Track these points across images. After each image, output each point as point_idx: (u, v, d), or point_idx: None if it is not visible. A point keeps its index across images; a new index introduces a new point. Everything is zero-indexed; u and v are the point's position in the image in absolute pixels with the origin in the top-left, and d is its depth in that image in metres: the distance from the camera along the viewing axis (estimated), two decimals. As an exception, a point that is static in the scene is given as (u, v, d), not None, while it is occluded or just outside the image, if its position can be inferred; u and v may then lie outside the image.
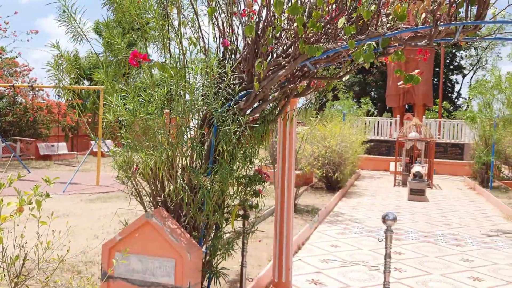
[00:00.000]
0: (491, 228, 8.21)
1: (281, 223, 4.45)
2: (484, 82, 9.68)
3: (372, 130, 19.12)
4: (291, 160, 4.44)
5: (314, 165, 11.17)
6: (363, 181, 15.06)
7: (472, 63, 34.93)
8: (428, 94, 20.34)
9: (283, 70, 3.11)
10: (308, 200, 10.13)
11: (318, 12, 2.90)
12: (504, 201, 10.47)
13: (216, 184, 3.07)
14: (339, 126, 11.91)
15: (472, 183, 14.28)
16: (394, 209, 9.85)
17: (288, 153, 4.41)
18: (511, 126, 9.90)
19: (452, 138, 18.23)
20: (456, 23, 2.90)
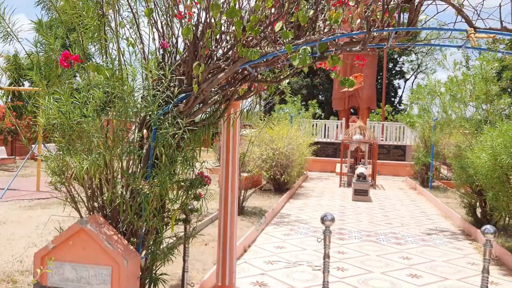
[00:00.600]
0: (429, 226, 8.59)
1: (225, 226, 4.44)
2: (421, 88, 10.13)
3: (319, 133, 19.53)
4: (235, 163, 4.45)
5: (262, 167, 11.25)
6: (310, 182, 15.33)
7: (413, 68, 36.48)
8: (372, 98, 21.03)
9: (222, 73, 3.10)
10: (256, 202, 10.18)
11: (256, 16, 2.92)
12: (442, 201, 10.98)
13: (155, 189, 3.02)
14: (287, 129, 12.06)
15: (413, 183, 14.88)
16: (339, 209, 10.09)
17: (232, 156, 4.41)
18: (448, 128, 10.38)
19: (395, 140, 18.94)
20: (388, 29, 3.01)
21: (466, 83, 8.32)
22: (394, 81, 36.03)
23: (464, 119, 8.38)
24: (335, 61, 3.21)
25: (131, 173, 3.10)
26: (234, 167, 4.45)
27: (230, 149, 4.39)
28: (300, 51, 2.85)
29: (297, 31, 3.17)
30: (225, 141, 4.38)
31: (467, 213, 8.30)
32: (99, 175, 3.12)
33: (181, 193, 3.32)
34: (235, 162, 4.45)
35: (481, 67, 7.77)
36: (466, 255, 6.55)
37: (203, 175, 3.55)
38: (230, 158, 4.41)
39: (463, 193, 8.21)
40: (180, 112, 3.12)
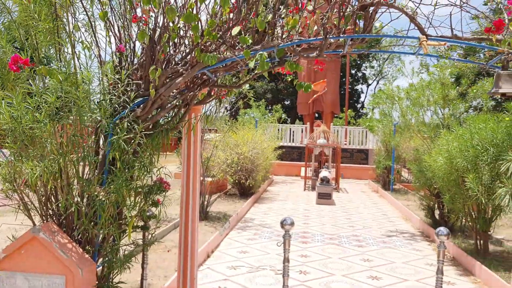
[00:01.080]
0: (390, 228, 8.78)
1: (186, 232, 4.40)
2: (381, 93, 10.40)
3: (284, 137, 19.69)
4: (196, 167, 4.42)
5: (227, 172, 11.24)
6: (275, 186, 15.41)
7: (375, 74, 37.35)
8: (336, 103, 21.37)
9: (181, 78, 3.08)
10: (221, 207, 10.14)
11: (214, 20, 2.92)
12: (403, 203, 11.26)
13: (111, 195, 2.96)
14: (251, 133, 12.09)
15: (375, 186, 15.20)
16: (303, 213, 10.18)
17: (193, 160, 4.37)
18: (408, 133, 10.65)
19: (358, 144, 19.31)
20: (344, 36, 3.06)
21: (424, 88, 8.58)
22: (357, 86, 36.79)
23: (422, 124, 8.64)
24: (293, 66, 3.24)
25: (86, 180, 3.03)
26: (195, 172, 4.42)
27: (191, 154, 4.36)
28: (257, 56, 2.86)
29: (255, 37, 3.19)
30: (186, 146, 4.35)
31: (426, 215, 8.54)
32: (53, 182, 3.03)
33: (138, 199, 3.26)
34: (196, 167, 4.42)
35: (440, 73, 8.04)
36: (425, 256, 6.73)
37: (162, 180, 3.51)
38: (191, 163, 4.37)
39: (422, 196, 8.44)
40: (137, 117, 3.08)
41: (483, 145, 5.98)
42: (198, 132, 4.39)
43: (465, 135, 6.30)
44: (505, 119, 5.88)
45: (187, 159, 4.36)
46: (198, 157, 4.45)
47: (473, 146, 6.05)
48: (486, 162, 5.99)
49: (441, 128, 8.13)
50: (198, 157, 4.44)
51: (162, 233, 7.18)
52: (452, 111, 7.94)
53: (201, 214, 8.48)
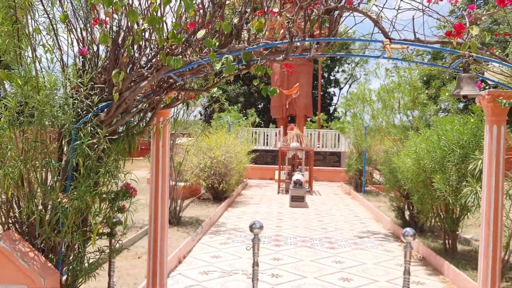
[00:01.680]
0: (362, 230, 8.88)
1: (155, 237, 4.33)
2: (352, 95, 10.52)
3: (258, 140, 19.72)
4: (165, 172, 4.36)
5: (200, 176, 11.16)
6: (249, 190, 15.39)
7: (347, 78, 37.84)
8: (308, 106, 21.53)
9: (145, 81, 3.04)
10: (194, 211, 10.06)
11: (178, 23, 2.89)
12: (374, 204, 11.40)
13: (74, 202, 2.88)
14: (224, 137, 12.05)
15: (348, 189, 15.36)
16: (277, 216, 10.20)
17: (161, 165, 4.32)
18: (379, 135, 10.81)
19: (331, 147, 19.50)
20: (309, 40, 3.08)
21: (394, 90, 8.73)
22: (329, 89, 37.17)
23: (392, 126, 8.78)
24: (260, 69, 3.24)
25: (49, 187, 2.95)
26: (164, 177, 4.37)
27: (160, 158, 4.30)
28: (223, 59, 2.85)
29: (222, 40, 3.17)
30: (154, 150, 4.29)
31: (397, 216, 8.67)
32: (14, 189, 2.94)
33: (103, 206, 3.19)
34: (165, 172, 4.36)
35: (409, 75, 8.19)
36: (395, 257, 6.83)
37: (129, 186, 3.45)
38: (160, 168, 4.32)
39: (392, 197, 8.57)
40: (101, 121, 3.02)
41: (449, 146, 6.11)
42: (167, 136, 4.35)
43: (433, 136, 6.44)
44: (471, 121, 6.03)
45: (155, 163, 4.31)
46: (167, 161, 4.40)
47: (440, 147, 6.18)
48: (453, 163, 6.13)
49: (410, 130, 8.28)
50: (167, 161, 4.39)
51: (133, 239, 7.07)
52: (421, 113, 8.10)
53: (173, 220, 8.40)
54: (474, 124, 6.09)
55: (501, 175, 4.29)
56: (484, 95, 4.12)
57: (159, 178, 4.31)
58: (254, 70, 3.22)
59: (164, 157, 4.32)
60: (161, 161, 4.30)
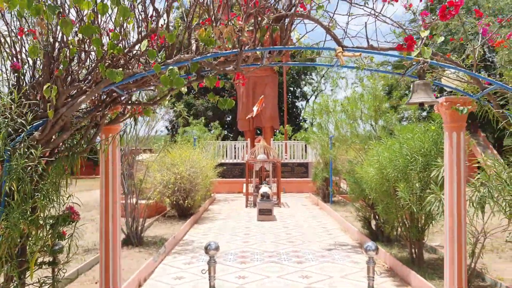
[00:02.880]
0: (329, 242, 8.76)
1: (106, 263, 4.06)
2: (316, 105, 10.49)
3: (226, 154, 19.51)
4: (115, 191, 4.11)
5: (164, 193, 10.84)
6: (217, 204, 15.12)
7: (313, 90, 38.17)
8: (275, 117, 21.51)
9: (84, 96, 2.81)
10: (158, 230, 9.73)
11: (117, 33, 2.69)
12: (342, 215, 11.35)
13: (7, 231, 2.61)
14: (189, 152, 11.78)
15: (315, 199, 15.30)
16: (244, 230, 9.98)
17: (112, 184, 4.07)
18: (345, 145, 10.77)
19: (299, 158, 19.48)
20: (259, 49, 2.93)
21: (357, 100, 8.72)
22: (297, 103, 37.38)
23: (355, 136, 8.75)
24: (211, 81, 3.07)
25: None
26: (115, 196, 4.11)
27: (110, 177, 4.06)
28: (167, 71, 2.66)
29: (168, 51, 2.99)
30: (103, 169, 4.04)
31: (363, 226, 8.61)
32: None
33: (42, 233, 2.93)
34: (115, 190, 4.11)
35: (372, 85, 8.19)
36: (363, 269, 6.71)
37: (72, 210, 3.19)
38: (110, 187, 4.07)
39: (358, 207, 8.50)
40: (37, 141, 2.77)
41: (412, 154, 6.08)
42: (117, 153, 4.11)
43: (394, 145, 6.40)
44: (431, 128, 6.03)
45: (105, 182, 4.05)
46: (118, 179, 4.15)
47: (402, 155, 6.14)
48: (416, 171, 6.10)
49: (373, 139, 8.27)
50: (117, 179, 4.14)
51: (91, 263, 6.71)
52: (384, 123, 8.10)
53: (134, 240, 8.06)
54: (435, 131, 6.09)
55: (463, 182, 4.24)
56: (441, 102, 4.08)
57: (109, 198, 4.06)
58: (207, 82, 3.04)
59: (115, 175, 4.07)
60: (111, 180, 4.05)
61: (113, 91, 3.09)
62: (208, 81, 2.99)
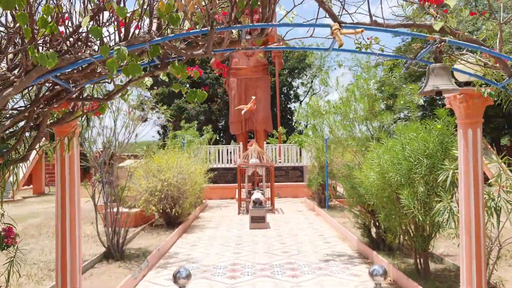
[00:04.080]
0: (327, 251, 8.14)
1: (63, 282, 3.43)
2: (307, 106, 9.88)
3: (218, 158, 18.88)
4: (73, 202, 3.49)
5: (150, 201, 10.20)
6: (208, 211, 14.48)
7: (306, 91, 37.64)
8: (267, 120, 20.92)
9: (11, 89, 2.20)
10: (143, 241, 9.09)
11: (50, 6, 2.08)
12: (339, 221, 10.74)
13: None
14: (176, 157, 11.15)
15: (311, 204, 14.69)
16: (235, 240, 9.35)
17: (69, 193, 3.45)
18: (341, 147, 10.17)
19: (293, 162, 18.87)
20: (236, 27, 2.33)
21: (350, 101, 8.14)
22: (290, 105, 36.76)
23: (351, 138, 8.16)
24: (178, 69, 2.46)
25: None
26: (73, 210, 3.49)
27: (67, 183, 3.43)
28: (115, 53, 2.05)
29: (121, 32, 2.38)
30: (59, 176, 3.42)
31: (363, 234, 8.01)
32: None
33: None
34: (73, 202, 3.49)
35: (364, 85, 7.63)
36: (363, 282, 6.12)
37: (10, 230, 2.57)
38: (67, 194, 3.44)
39: (357, 214, 7.90)
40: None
41: (415, 156, 5.50)
42: (75, 157, 3.49)
43: (396, 146, 5.82)
44: (437, 127, 5.45)
45: (61, 192, 3.43)
46: (77, 187, 3.53)
47: (405, 158, 5.56)
48: (421, 175, 5.51)
49: (371, 141, 7.69)
50: (76, 188, 3.52)
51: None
52: (380, 122, 7.52)
53: (115, 254, 7.41)
54: (440, 130, 5.51)
55: (481, 186, 3.66)
56: (455, 95, 3.50)
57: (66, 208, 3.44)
58: (172, 71, 2.44)
59: (73, 181, 3.45)
60: (68, 190, 3.43)
61: (57, 84, 2.48)
62: (174, 69, 2.39)
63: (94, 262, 7.19)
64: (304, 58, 34.17)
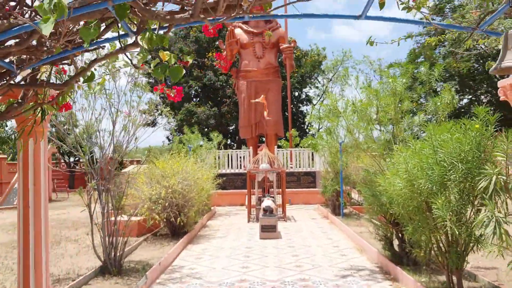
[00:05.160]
0: (344, 265, 7.41)
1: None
2: (324, 106, 9.14)
3: (228, 163, 18.22)
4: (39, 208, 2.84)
5: (153, 210, 9.55)
6: (217, 219, 13.80)
7: (319, 94, 36.91)
8: (278, 124, 20.23)
9: None
10: (145, 253, 8.44)
11: None
12: (355, 230, 10.00)
13: None
14: (180, 162, 10.49)
15: (325, 211, 13.95)
16: (244, 252, 8.65)
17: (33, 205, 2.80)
18: (357, 151, 9.42)
19: (305, 167, 18.13)
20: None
21: (372, 99, 7.39)
22: (302, 108, 36.01)
23: (371, 140, 7.42)
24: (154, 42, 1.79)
25: None
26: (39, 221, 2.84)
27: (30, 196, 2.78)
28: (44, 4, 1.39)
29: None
30: (21, 186, 2.77)
31: (384, 246, 7.25)
32: None
33: None
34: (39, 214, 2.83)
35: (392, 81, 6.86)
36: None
37: None
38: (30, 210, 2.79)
39: (377, 224, 7.16)
40: None
41: (450, 160, 4.77)
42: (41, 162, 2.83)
43: (425, 149, 5.09)
44: (475, 127, 4.71)
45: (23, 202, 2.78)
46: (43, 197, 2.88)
47: (437, 162, 4.83)
48: (455, 182, 4.78)
49: (393, 143, 6.95)
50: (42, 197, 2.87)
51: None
52: (407, 124, 6.77)
53: (112, 268, 6.77)
54: (478, 131, 4.77)
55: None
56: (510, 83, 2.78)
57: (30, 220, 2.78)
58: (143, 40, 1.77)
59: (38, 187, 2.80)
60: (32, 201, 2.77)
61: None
62: (145, 40, 1.73)
63: (89, 278, 6.55)
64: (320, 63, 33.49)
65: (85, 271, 7.02)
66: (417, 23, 2.07)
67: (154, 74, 1.90)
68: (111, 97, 7.05)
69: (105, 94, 6.99)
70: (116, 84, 7.20)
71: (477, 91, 30.26)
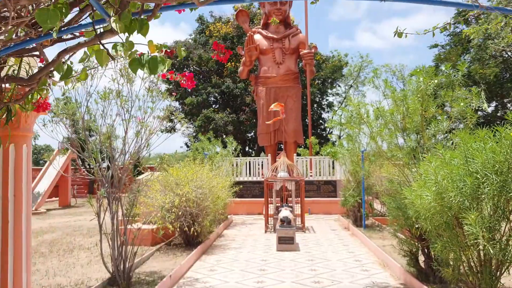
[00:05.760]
0: (366, 282, 6.95)
1: None
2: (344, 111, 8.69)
3: (243, 171, 17.85)
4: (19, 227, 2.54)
5: (166, 219, 9.25)
6: (233, 229, 13.44)
7: (340, 101, 36.37)
8: (298, 132, 19.80)
9: None
10: (158, 263, 8.13)
11: None
12: (378, 243, 9.50)
13: None
14: (195, 170, 10.19)
15: (346, 223, 13.44)
16: (259, 265, 8.25)
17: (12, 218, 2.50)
18: (379, 160, 8.92)
19: (325, 175, 17.64)
20: None
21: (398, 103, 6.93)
22: (323, 115, 35.52)
23: (396, 147, 6.97)
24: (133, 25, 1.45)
25: None
26: (19, 236, 2.52)
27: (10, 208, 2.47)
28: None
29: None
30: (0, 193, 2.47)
31: (409, 262, 6.76)
32: None
33: None
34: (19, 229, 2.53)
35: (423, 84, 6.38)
36: (414, 328, 4.92)
37: None
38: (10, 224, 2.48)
39: (403, 240, 6.68)
40: None
41: (483, 172, 4.31)
42: (24, 171, 2.53)
43: (456, 159, 4.64)
44: (510, 135, 4.25)
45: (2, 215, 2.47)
46: (25, 210, 2.57)
47: (470, 174, 4.38)
48: (490, 195, 4.32)
49: (419, 152, 6.48)
50: (23, 210, 2.56)
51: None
52: (434, 130, 6.30)
53: (121, 281, 6.47)
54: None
55: None
56: None
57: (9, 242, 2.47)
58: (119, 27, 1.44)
59: (19, 199, 2.49)
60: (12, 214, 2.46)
61: None
62: (120, 24, 1.39)
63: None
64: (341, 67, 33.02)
65: (94, 282, 6.76)
66: (464, 6, 1.71)
67: (130, 67, 1.57)
68: (123, 101, 6.79)
69: (118, 98, 6.75)
70: (132, 89, 6.95)
71: (503, 98, 29.31)
